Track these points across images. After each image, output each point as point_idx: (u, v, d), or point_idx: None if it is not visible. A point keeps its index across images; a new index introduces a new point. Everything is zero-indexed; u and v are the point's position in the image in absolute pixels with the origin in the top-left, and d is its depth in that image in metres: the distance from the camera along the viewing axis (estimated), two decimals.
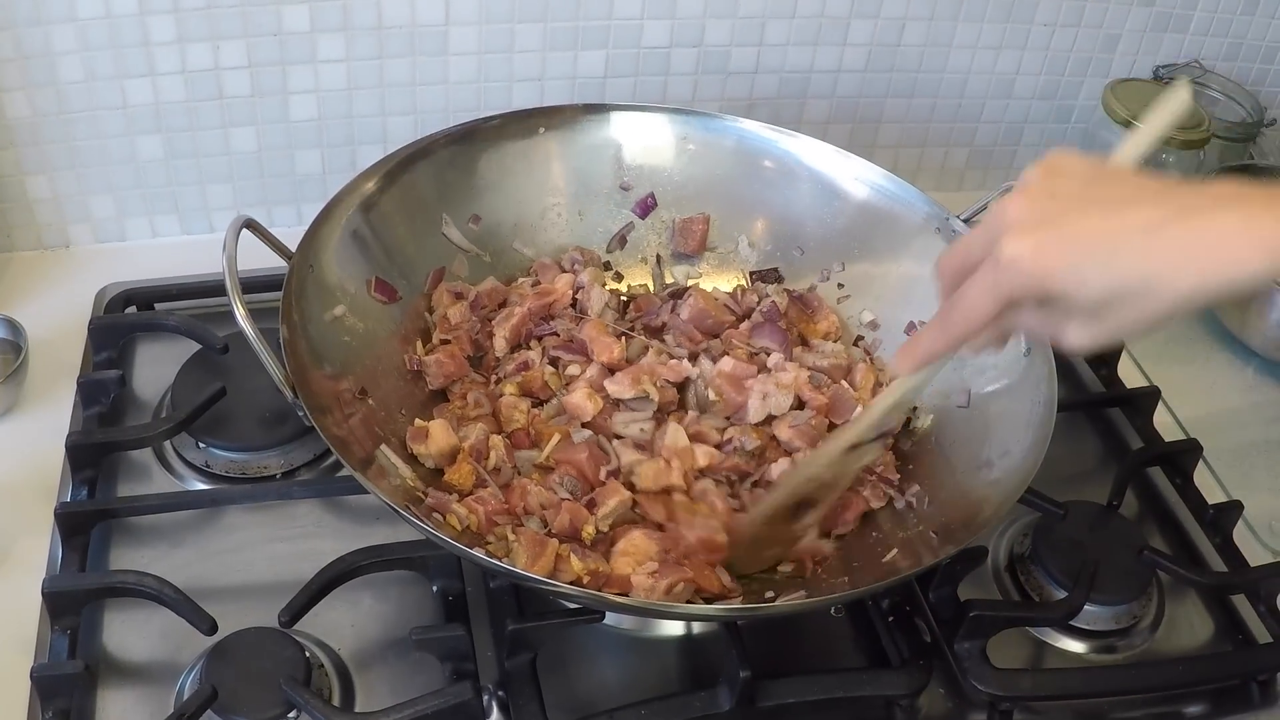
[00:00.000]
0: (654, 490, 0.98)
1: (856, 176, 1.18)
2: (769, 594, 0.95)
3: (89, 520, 1.04)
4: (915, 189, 1.16)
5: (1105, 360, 1.30)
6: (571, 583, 0.91)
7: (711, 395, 1.06)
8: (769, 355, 1.11)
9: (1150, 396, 1.25)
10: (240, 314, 0.90)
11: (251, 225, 0.97)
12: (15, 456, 1.11)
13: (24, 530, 1.05)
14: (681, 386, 1.09)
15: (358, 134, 1.33)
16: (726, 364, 1.07)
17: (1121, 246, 0.69)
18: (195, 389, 1.13)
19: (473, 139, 1.15)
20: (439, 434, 1.00)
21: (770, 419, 1.05)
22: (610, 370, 1.07)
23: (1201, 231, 0.68)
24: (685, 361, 1.09)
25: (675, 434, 1.01)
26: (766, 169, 1.19)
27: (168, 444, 1.14)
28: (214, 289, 1.25)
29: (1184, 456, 1.20)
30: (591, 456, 0.98)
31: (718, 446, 1.03)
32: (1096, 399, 1.28)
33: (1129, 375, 1.30)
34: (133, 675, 0.96)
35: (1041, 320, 0.75)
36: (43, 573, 1.01)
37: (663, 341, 1.12)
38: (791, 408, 1.07)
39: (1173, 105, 0.84)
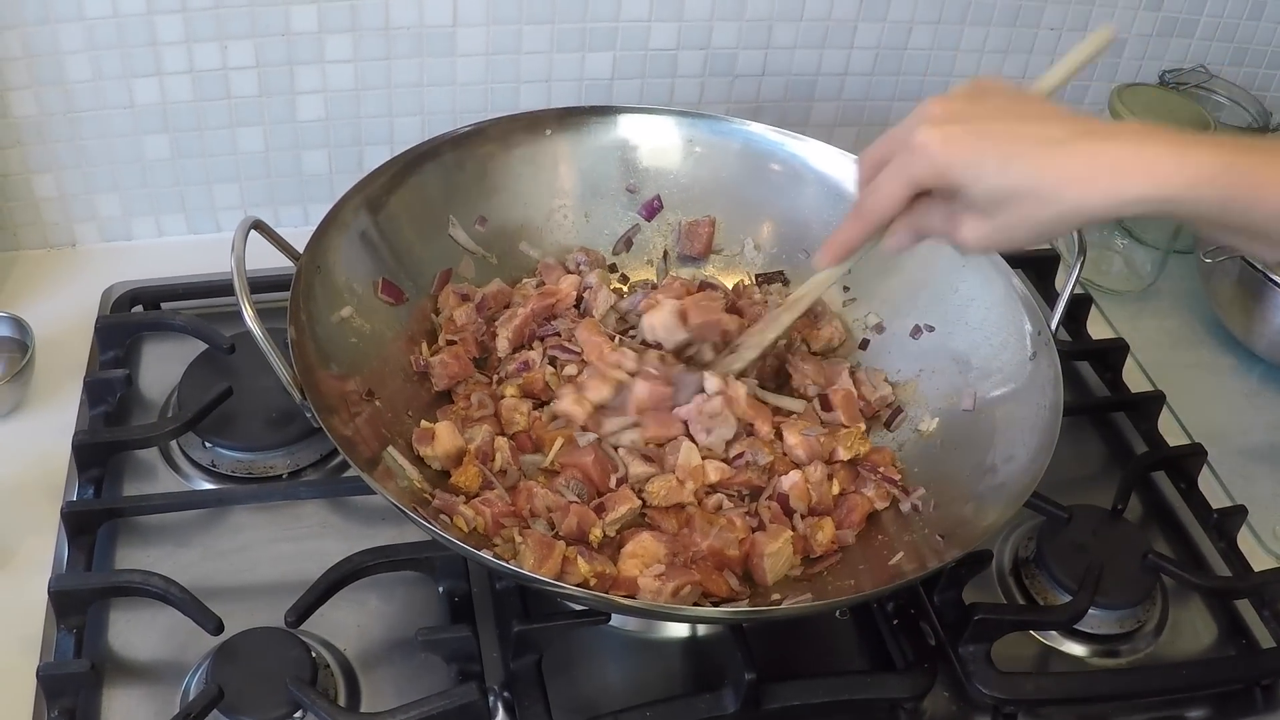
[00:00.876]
0: (665, 506, 0.99)
1: None
2: (775, 596, 0.95)
3: (95, 519, 1.04)
4: None
5: (1110, 365, 1.30)
6: (578, 585, 0.91)
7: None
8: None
9: (1155, 401, 1.25)
10: (248, 315, 0.90)
11: (259, 226, 0.97)
12: (22, 455, 1.11)
13: (30, 529, 1.05)
14: None
15: (365, 134, 1.33)
16: (641, 391, 1.03)
17: (1021, 152, 0.77)
18: (202, 388, 1.13)
19: (480, 140, 1.15)
20: (445, 436, 1.00)
21: (779, 431, 1.06)
22: None
23: (1095, 154, 0.76)
24: (626, 350, 1.07)
25: (689, 453, 1.01)
26: (773, 172, 1.20)
27: (174, 444, 1.14)
28: (220, 289, 1.25)
29: (1188, 461, 1.20)
30: (598, 461, 0.99)
31: (726, 461, 1.03)
32: (1101, 403, 1.28)
33: (1133, 380, 1.30)
34: (138, 675, 0.96)
35: (943, 217, 0.83)
36: (48, 572, 1.01)
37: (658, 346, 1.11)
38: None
39: (1096, 42, 0.92)
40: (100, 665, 0.95)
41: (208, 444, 1.13)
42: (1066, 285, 1.07)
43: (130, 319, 1.24)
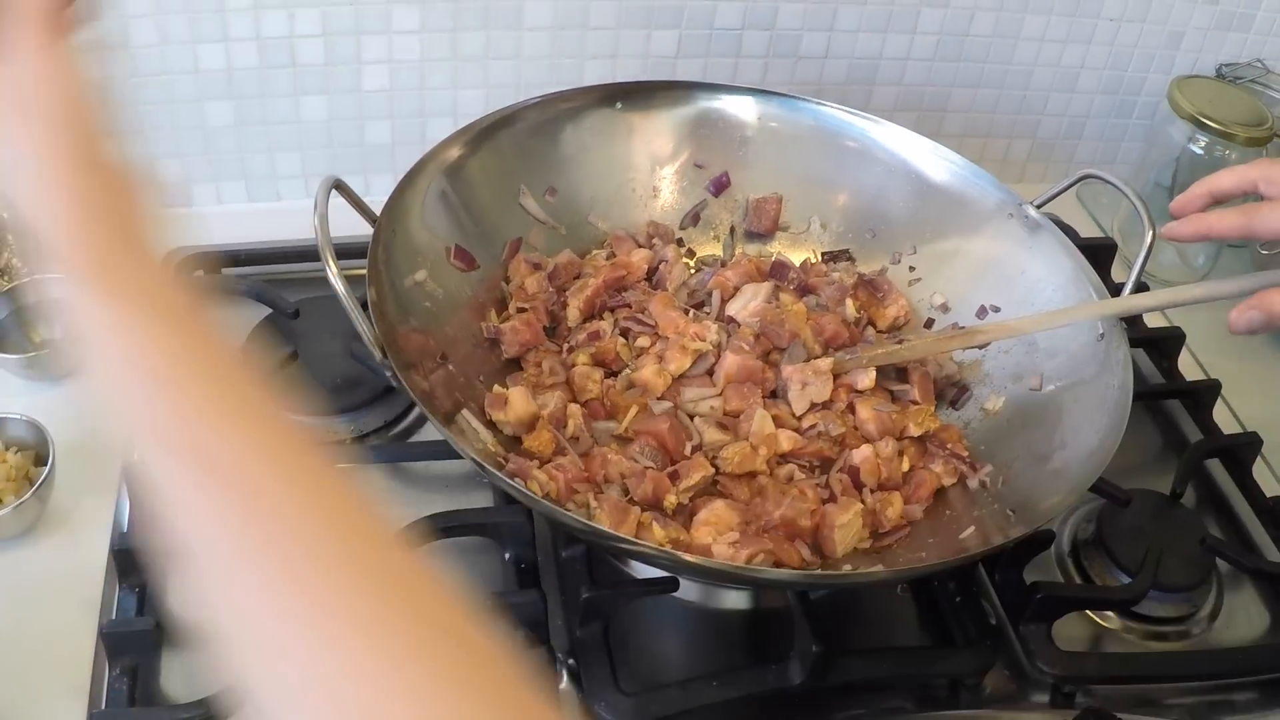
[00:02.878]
0: (738, 474, 0.99)
1: (931, 160, 1.18)
2: (846, 568, 0.96)
3: None
4: (989, 175, 1.16)
5: (1166, 353, 1.30)
6: None
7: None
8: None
9: (1211, 390, 1.25)
10: (333, 272, 0.90)
11: (340, 187, 0.97)
12: (85, 417, 1.11)
13: (91, 489, 1.05)
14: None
15: (429, 106, 1.33)
16: (730, 363, 1.05)
17: None
18: (266, 353, 1.14)
19: (553, 110, 1.15)
20: (518, 401, 1.00)
21: (852, 405, 1.06)
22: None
23: None
24: (709, 323, 1.08)
25: (762, 420, 1.01)
26: (841, 151, 1.20)
27: None
28: (283, 255, 1.26)
29: (1244, 449, 1.20)
30: (673, 429, 0.99)
31: (798, 431, 1.03)
32: (1158, 390, 1.28)
33: (1187, 370, 1.31)
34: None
35: None
36: (109, 531, 1.01)
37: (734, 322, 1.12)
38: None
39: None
40: (163, 624, 0.94)
41: None
42: (1133, 272, 1.07)
43: (194, 283, 1.24)
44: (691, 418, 1.03)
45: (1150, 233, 1.06)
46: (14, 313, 1.17)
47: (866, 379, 1.07)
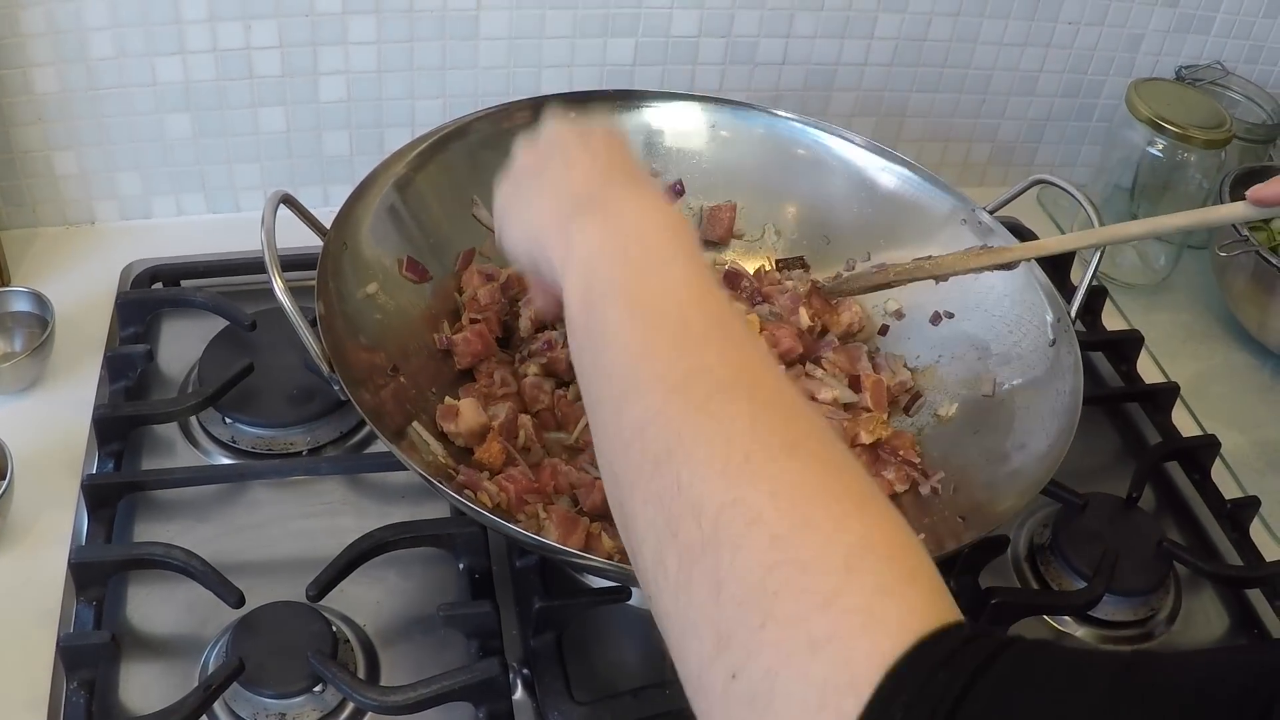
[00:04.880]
0: None
1: (884, 167, 1.19)
2: None
3: (116, 492, 1.04)
4: (942, 181, 1.17)
5: (1125, 356, 1.31)
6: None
7: None
8: None
9: (1169, 392, 1.26)
10: (279, 288, 0.90)
11: (289, 201, 0.97)
12: (41, 430, 1.11)
13: (49, 502, 1.05)
14: None
15: (386, 117, 1.33)
16: None
17: None
18: (223, 365, 1.13)
19: (506, 120, 1.15)
20: (469, 412, 1.00)
21: None
22: None
23: None
24: None
25: None
26: (795, 158, 1.20)
27: (194, 420, 1.14)
28: (240, 267, 1.26)
29: (1202, 452, 1.21)
30: None
31: None
32: (1116, 393, 1.29)
33: (1146, 373, 1.31)
34: (158, 648, 0.96)
35: None
36: (68, 544, 1.01)
37: None
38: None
39: None
40: (120, 637, 0.94)
41: (228, 420, 1.13)
42: (1086, 273, 1.08)
43: (152, 295, 1.24)
44: None
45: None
46: None
47: (828, 392, 1.07)
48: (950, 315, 1.13)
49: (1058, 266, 1.38)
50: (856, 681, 0.46)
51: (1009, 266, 1.06)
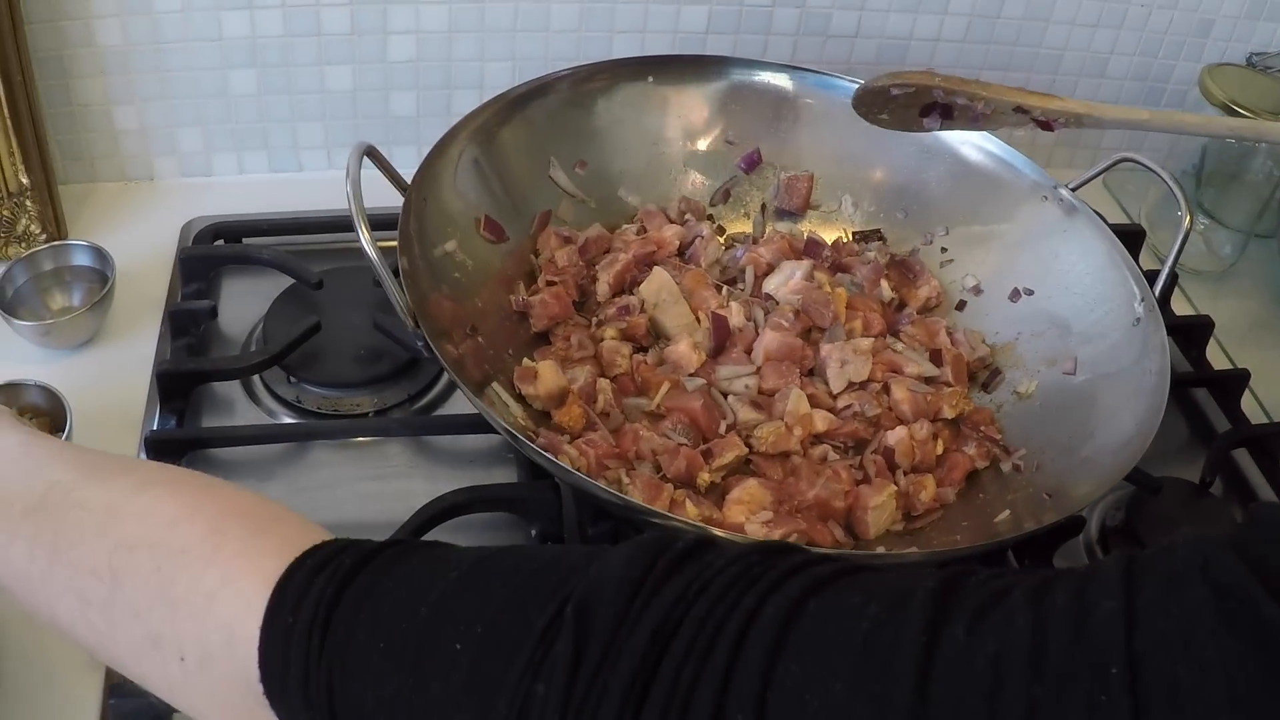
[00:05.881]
0: (772, 453, 0.98)
1: (965, 141, 1.17)
2: (879, 549, 0.95)
3: (178, 449, 1.02)
4: (1024, 157, 1.15)
5: (1194, 342, 1.29)
6: None
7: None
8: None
9: (1239, 379, 1.24)
10: (365, 238, 0.89)
11: (372, 153, 0.96)
12: (100, 385, 1.10)
13: None
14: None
15: (455, 78, 1.31)
16: (770, 341, 1.04)
17: None
18: (289, 324, 1.11)
19: (588, 82, 1.14)
20: (548, 375, 0.99)
21: (887, 386, 1.05)
22: None
23: None
24: (732, 305, 1.07)
25: (798, 400, 1.00)
26: (874, 130, 1.17)
27: (257, 379, 1.12)
28: (306, 226, 1.24)
29: (1272, 440, 1.19)
30: (706, 407, 0.98)
31: (833, 411, 1.02)
32: (1186, 379, 1.27)
33: (1213, 358, 1.29)
34: None
35: None
36: None
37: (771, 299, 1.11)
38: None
39: None
40: None
41: (293, 380, 1.11)
42: (1171, 253, 1.06)
43: (215, 251, 1.22)
44: (725, 396, 1.02)
45: (1187, 215, 1.05)
46: (32, 280, 1.15)
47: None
48: (1030, 292, 1.12)
49: (1127, 247, 1.36)
50: (254, 606, 0.56)
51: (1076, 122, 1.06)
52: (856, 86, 1.06)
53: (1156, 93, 1.49)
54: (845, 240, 1.20)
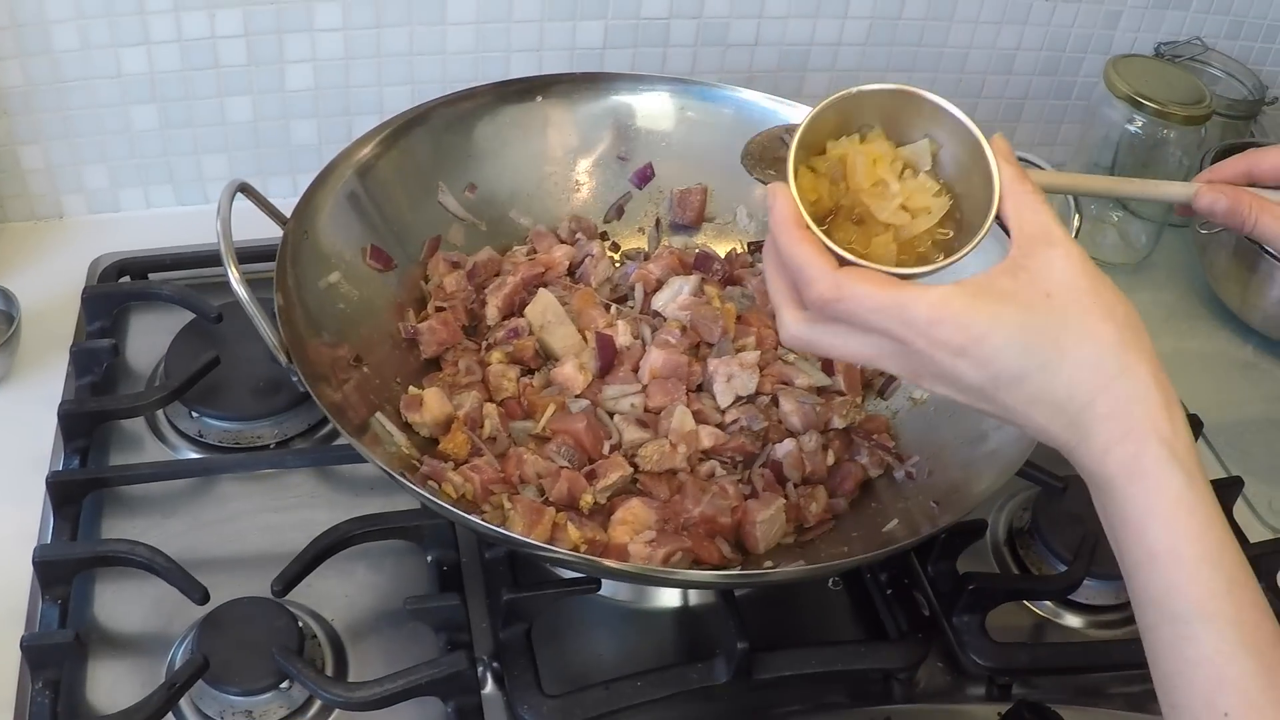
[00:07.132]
0: (658, 472, 0.98)
1: None
2: (767, 564, 0.95)
3: (81, 489, 1.03)
4: None
5: None
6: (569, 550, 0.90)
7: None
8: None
9: None
10: (233, 276, 0.89)
11: (246, 189, 0.96)
12: (6, 426, 1.10)
13: (14, 500, 1.04)
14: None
15: (354, 104, 1.32)
16: (656, 359, 1.03)
17: None
18: (189, 358, 1.12)
19: (470, 105, 1.14)
20: (433, 402, 0.99)
21: (776, 398, 1.05)
22: None
23: None
24: (620, 323, 1.06)
25: (682, 417, 1.00)
26: None
27: (161, 414, 1.13)
28: (208, 259, 1.24)
29: None
30: (590, 428, 0.98)
31: (720, 427, 1.02)
32: None
33: None
34: (124, 646, 0.95)
35: None
36: (33, 542, 0.99)
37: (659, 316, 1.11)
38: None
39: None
40: (85, 636, 0.94)
41: (194, 414, 1.12)
42: None
43: (117, 289, 1.23)
44: (611, 415, 1.02)
45: (1076, 216, 1.05)
46: None
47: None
48: None
49: None
50: None
51: None
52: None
53: (1066, 87, 1.49)
54: (740, 252, 1.20)
